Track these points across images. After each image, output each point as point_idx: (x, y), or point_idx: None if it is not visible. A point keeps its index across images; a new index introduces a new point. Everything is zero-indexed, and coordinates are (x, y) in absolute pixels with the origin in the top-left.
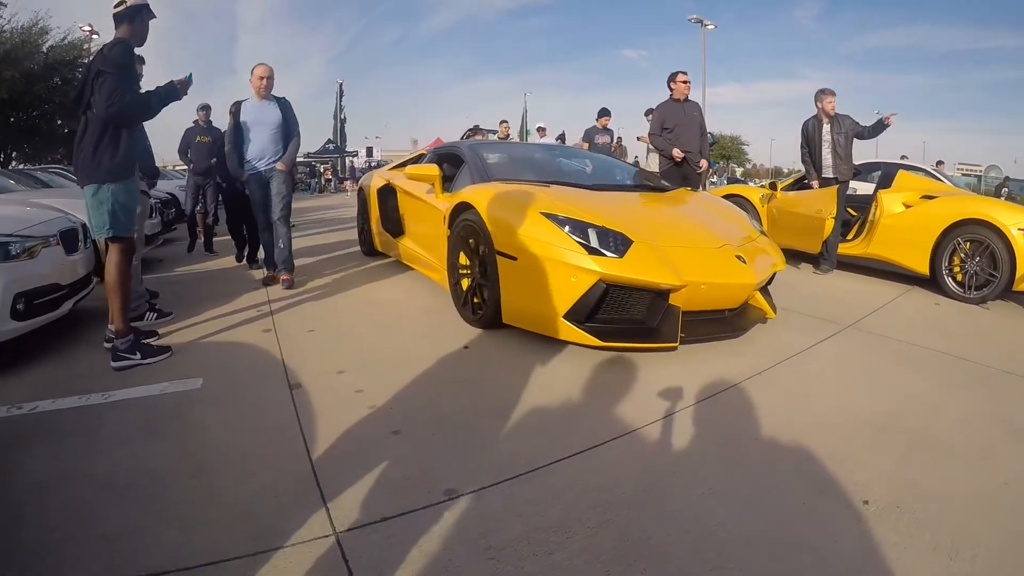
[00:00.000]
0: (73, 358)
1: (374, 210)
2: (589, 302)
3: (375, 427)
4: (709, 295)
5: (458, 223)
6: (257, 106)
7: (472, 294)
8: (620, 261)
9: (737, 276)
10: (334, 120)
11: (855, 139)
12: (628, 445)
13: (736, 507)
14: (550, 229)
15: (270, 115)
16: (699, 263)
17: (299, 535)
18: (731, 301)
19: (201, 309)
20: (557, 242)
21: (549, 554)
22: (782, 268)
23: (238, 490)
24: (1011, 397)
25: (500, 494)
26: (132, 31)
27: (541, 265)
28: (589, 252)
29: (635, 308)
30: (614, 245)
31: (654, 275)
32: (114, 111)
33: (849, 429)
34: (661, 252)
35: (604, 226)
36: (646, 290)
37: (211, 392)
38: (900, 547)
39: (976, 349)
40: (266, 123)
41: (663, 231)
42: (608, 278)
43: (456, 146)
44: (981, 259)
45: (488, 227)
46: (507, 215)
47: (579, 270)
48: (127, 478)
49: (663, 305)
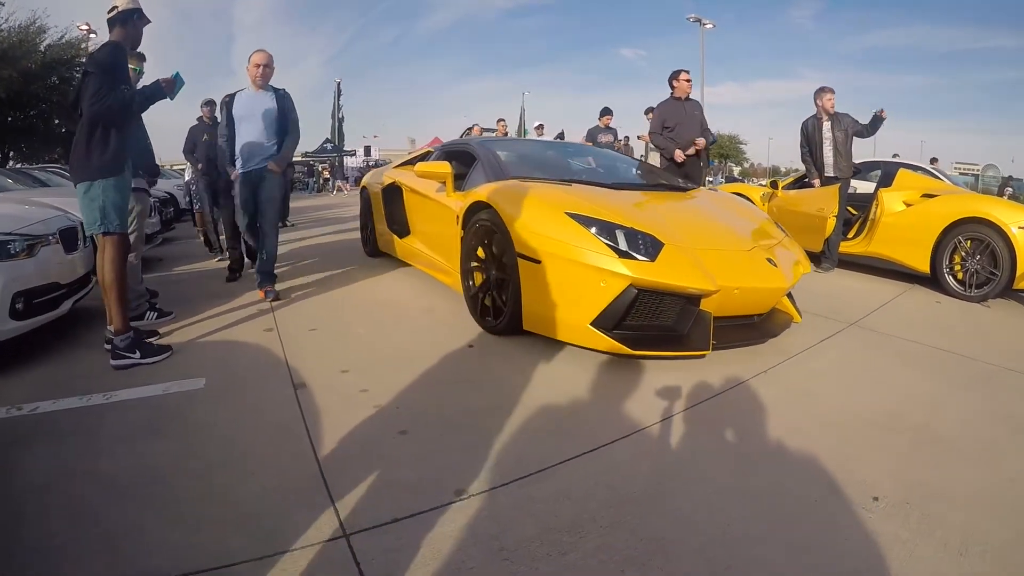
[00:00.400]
0: (73, 358)
1: (379, 210)
2: (619, 308)
3: (382, 427)
4: (741, 300)
5: (473, 223)
6: (252, 97)
7: (489, 299)
8: (652, 265)
9: (769, 280)
10: (332, 119)
11: (855, 137)
12: (636, 444)
13: (745, 506)
14: (576, 231)
15: (264, 108)
16: (731, 266)
17: (308, 537)
18: (762, 306)
19: (202, 308)
20: (584, 244)
21: (563, 554)
22: (808, 271)
23: (243, 490)
24: (1014, 395)
25: (511, 494)
26: (124, 34)
27: (567, 269)
28: (620, 256)
29: (665, 314)
30: (644, 248)
31: (688, 280)
32: (97, 109)
33: (854, 427)
34: (693, 255)
35: (632, 227)
36: (677, 295)
37: (214, 392)
38: (910, 544)
39: (978, 347)
40: (259, 116)
41: (692, 233)
42: (639, 283)
43: (466, 143)
44: (982, 257)
45: (508, 228)
46: (529, 215)
47: (608, 274)
48: (129, 478)
49: (694, 311)
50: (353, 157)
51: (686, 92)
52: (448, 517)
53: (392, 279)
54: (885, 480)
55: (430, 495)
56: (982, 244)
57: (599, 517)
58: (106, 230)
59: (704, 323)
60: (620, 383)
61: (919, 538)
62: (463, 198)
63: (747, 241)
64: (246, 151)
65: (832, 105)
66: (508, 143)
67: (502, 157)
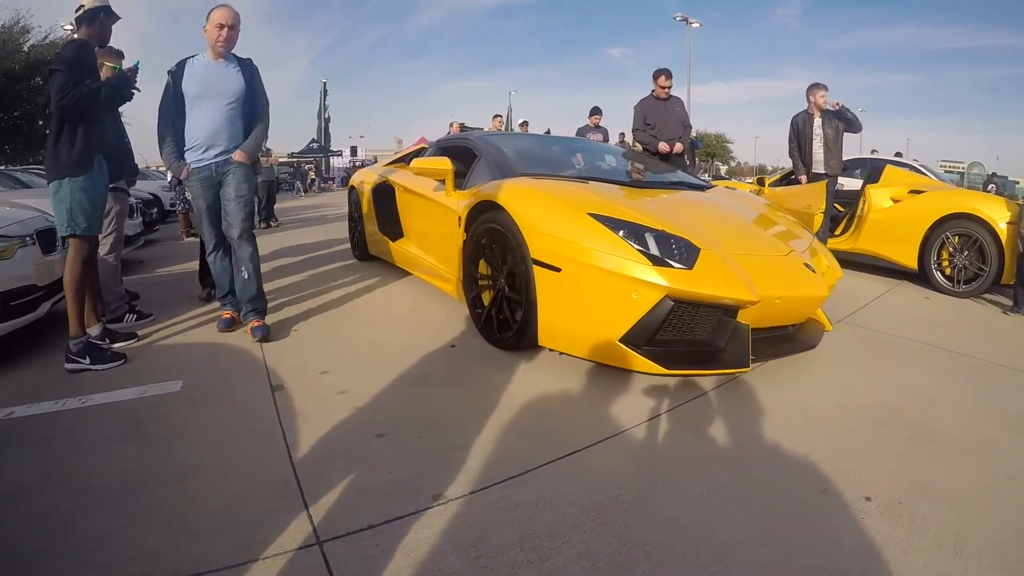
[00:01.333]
0: (50, 362)
1: (369, 211)
2: (652, 323)
3: (360, 429)
4: (782, 310)
5: (478, 225)
6: (210, 68)
7: (496, 310)
8: (690, 273)
9: (810, 288)
10: (318, 119)
11: (846, 132)
12: (622, 445)
13: (736, 508)
14: (602, 234)
15: (228, 82)
16: (770, 273)
17: (281, 544)
18: (800, 316)
19: (182, 310)
20: (612, 250)
21: (544, 561)
22: (841, 276)
23: (219, 496)
24: (1006, 390)
25: (491, 498)
26: (91, 32)
27: (592, 278)
28: (654, 263)
29: (700, 327)
30: (678, 254)
31: (729, 290)
32: (64, 104)
33: (847, 425)
34: (731, 261)
35: (664, 230)
36: (714, 306)
37: (191, 395)
38: (905, 545)
39: (968, 342)
40: (220, 93)
41: (726, 236)
42: (676, 294)
43: (466, 137)
44: (969, 253)
45: (522, 231)
46: (546, 217)
47: (641, 284)
48: (105, 484)
49: (731, 323)
50: (339, 157)
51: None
52: (425, 523)
53: (376, 278)
54: (878, 479)
55: (407, 500)
56: (970, 240)
57: (581, 522)
58: (72, 232)
59: (742, 336)
60: (605, 382)
61: (913, 539)
62: (465, 197)
63: (782, 244)
64: (204, 138)
65: (824, 102)
66: (511, 138)
67: (507, 152)
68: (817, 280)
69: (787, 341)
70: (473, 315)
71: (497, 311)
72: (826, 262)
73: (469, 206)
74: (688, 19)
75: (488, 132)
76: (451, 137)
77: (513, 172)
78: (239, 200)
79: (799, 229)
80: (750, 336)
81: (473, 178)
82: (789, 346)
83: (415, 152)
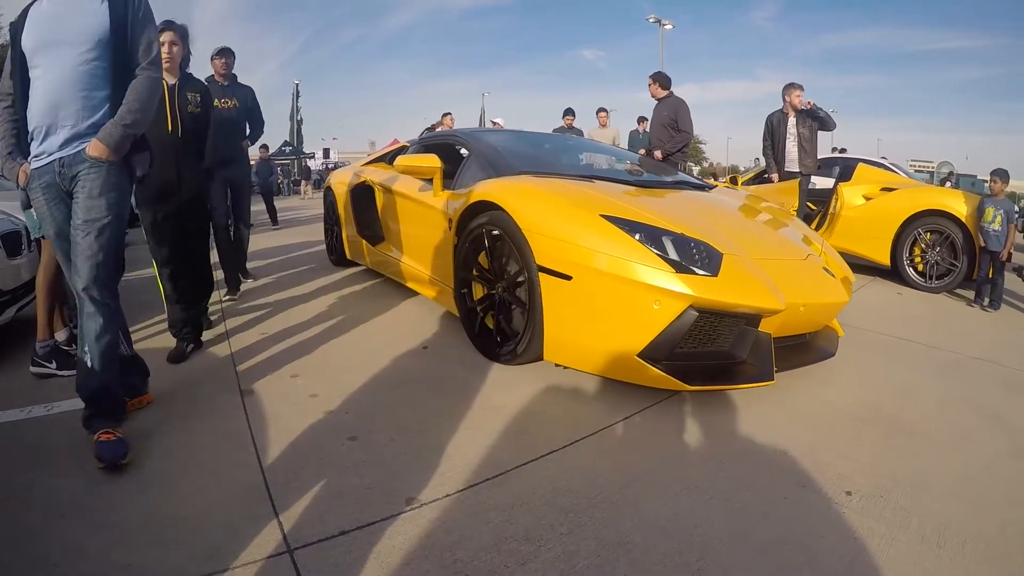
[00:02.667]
0: (14, 369)
1: (346, 213)
2: (674, 335)
3: (331, 434)
4: (805, 318)
5: (474, 228)
6: (62, 6)
7: (489, 319)
8: (715, 281)
9: (832, 294)
10: (291, 121)
11: (820, 131)
12: (599, 444)
13: (716, 505)
14: (618, 238)
15: (79, 19)
16: (792, 279)
17: (249, 553)
18: (820, 323)
19: (152, 314)
20: (630, 256)
21: (522, 564)
22: (853, 279)
23: (187, 504)
24: (982, 382)
25: (465, 502)
26: None
27: (608, 287)
28: (677, 270)
29: (720, 338)
30: (700, 259)
31: (756, 298)
32: None
33: (826, 420)
34: (755, 267)
35: (683, 233)
36: (738, 316)
37: (158, 401)
38: (888, 538)
39: (942, 337)
40: (68, 39)
41: (744, 240)
42: (701, 303)
43: (453, 134)
44: (941, 249)
45: (525, 235)
46: (554, 219)
47: (664, 293)
48: (70, 494)
49: (752, 333)
50: (312, 160)
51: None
52: (399, 528)
53: (347, 279)
54: (858, 473)
55: (379, 505)
56: (941, 236)
57: (560, 523)
58: (43, 235)
59: (764, 347)
60: (582, 381)
61: (896, 531)
62: (457, 198)
63: (799, 248)
64: (40, 117)
65: (800, 102)
66: (502, 134)
67: (501, 149)
68: (838, 285)
69: (807, 350)
70: (466, 324)
71: (495, 322)
72: (839, 264)
73: (462, 207)
74: (661, 21)
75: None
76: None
77: (510, 170)
78: (90, 228)
79: (809, 231)
80: (773, 346)
81: (464, 177)
82: (810, 355)
83: (398, 150)
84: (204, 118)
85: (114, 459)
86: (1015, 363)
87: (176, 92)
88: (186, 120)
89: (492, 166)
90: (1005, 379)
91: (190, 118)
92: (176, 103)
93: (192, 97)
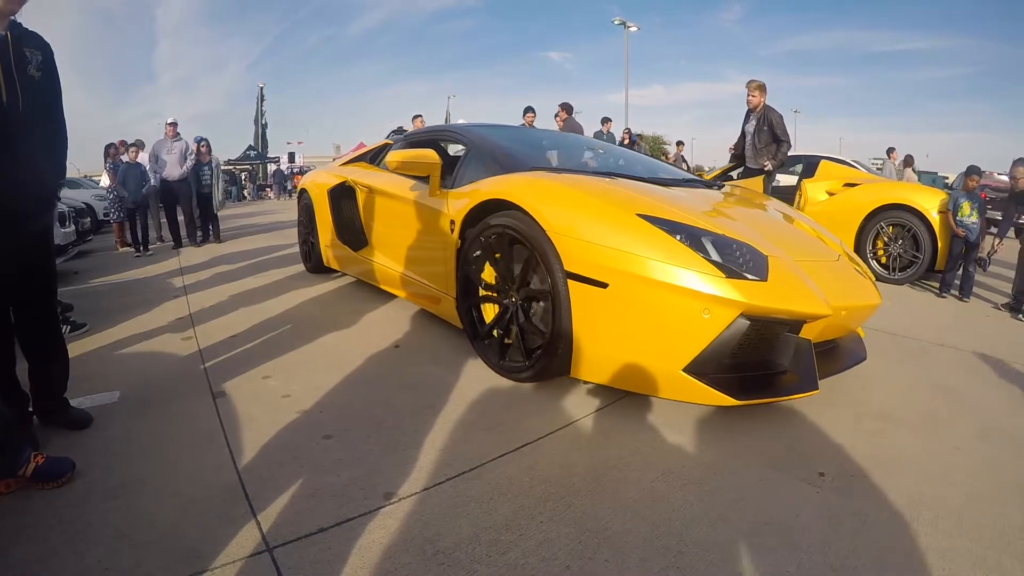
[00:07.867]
0: None
1: (324, 217)
2: (724, 347)
3: (306, 433)
4: (843, 322)
5: (483, 230)
6: None
7: (501, 331)
8: (765, 286)
9: (869, 296)
10: (255, 125)
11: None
12: (575, 435)
13: (692, 490)
14: (660, 240)
15: None
16: (834, 282)
17: (228, 553)
18: (851, 328)
19: (119, 319)
20: (673, 260)
21: (503, 553)
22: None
23: (162, 507)
24: (946, 367)
25: (443, 494)
26: None
27: (651, 295)
28: (727, 275)
29: (763, 347)
30: (745, 263)
31: (805, 303)
32: None
33: (795, 404)
34: (799, 270)
35: (725, 235)
36: (783, 322)
37: (129, 405)
38: (862, 516)
39: (906, 325)
40: None
41: (780, 241)
42: (752, 311)
43: (446, 129)
44: (904, 242)
45: (550, 237)
46: (585, 219)
47: (714, 301)
48: (43, 500)
49: (793, 340)
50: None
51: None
52: (378, 523)
53: (317, 281)
54: (831, 455)
55: (357, 501)
56: (904, 229)
57: (539, 512)
58: None
59: (806, 354)
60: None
61: (869, 509)
62: (459, 197)
63: (828, 248)
64: None
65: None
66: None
67: (504, 144)
68: (872, 287)
69: (840, 355)
70: (469, 335)
71: (505, 333)
72: (863, 265)
73: (467, 207)
74: (626, 23)
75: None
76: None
77: (519, 166)
78: None
79: (822, 229)
80: (813, 352)
81: (464, 175)
82: (844, 360)
83: (379, 148)
84: (51, 84)
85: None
86: (978, 348)
87: (8, 47)
88: (28, 86)
89: (495, 162)
90: (968, 364)
91: (34, 85)
92: (11, 61)
93: (32, 55)
